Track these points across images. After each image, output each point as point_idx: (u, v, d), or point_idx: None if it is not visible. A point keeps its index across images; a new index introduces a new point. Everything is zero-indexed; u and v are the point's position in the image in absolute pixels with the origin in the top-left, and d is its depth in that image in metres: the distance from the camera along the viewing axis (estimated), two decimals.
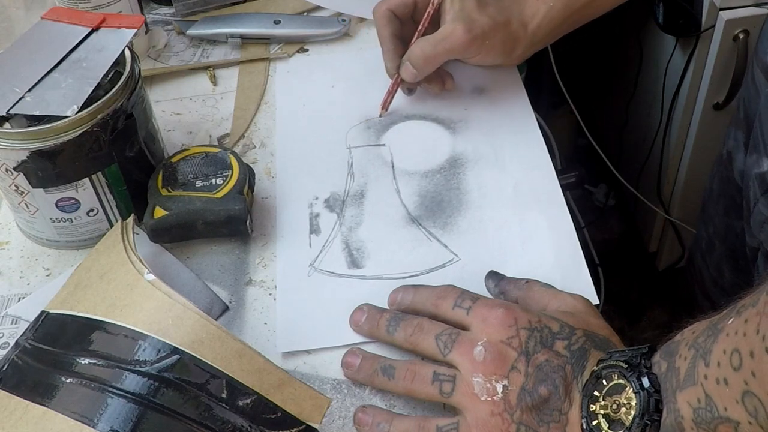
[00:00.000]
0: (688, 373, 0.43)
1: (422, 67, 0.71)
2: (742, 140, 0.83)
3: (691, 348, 0.44)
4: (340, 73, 0.81)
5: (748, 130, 0.81)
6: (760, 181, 0.75)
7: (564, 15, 0.72)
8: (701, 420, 0.42)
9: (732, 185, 0.87)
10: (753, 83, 0.81)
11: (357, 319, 0.58)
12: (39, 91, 0.60)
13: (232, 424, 0.47)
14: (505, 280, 0.59)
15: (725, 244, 0.93)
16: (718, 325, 0.42)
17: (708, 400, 0.42)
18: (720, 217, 0.92)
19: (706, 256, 0.98)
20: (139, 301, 0.49)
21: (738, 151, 0.84)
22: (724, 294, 0.96)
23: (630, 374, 0.47)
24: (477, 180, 0.69)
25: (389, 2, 0.73)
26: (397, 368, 0.54)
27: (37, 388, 0.48)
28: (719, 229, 0.93)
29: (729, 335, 0.41)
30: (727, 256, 0.93)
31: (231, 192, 0.63)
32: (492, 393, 0.50)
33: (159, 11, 0.90)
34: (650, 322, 1.51)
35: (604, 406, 0.47)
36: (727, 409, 0.40)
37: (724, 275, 0.95)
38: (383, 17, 0.73)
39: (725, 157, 0.88)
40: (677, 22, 1.18)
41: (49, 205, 0.61)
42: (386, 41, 0.73)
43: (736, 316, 0.41)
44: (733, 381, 0.40)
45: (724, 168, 0.89)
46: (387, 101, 0.75)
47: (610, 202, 1.64)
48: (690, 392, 0.43)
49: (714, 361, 0.41)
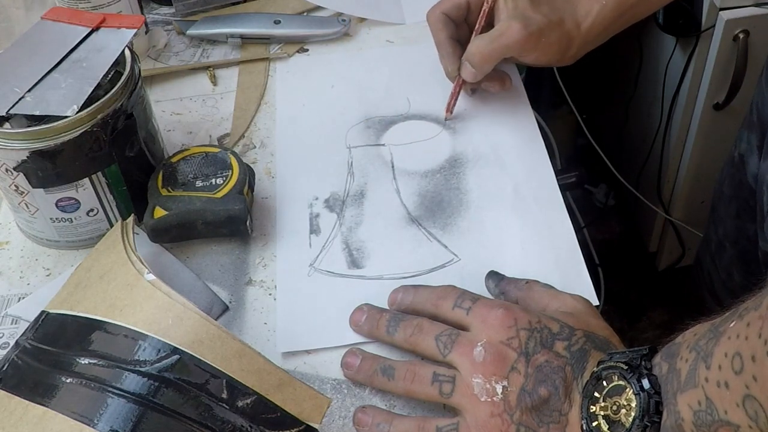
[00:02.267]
0: (689, 375, 0.43)
1: (481, 65, 0.70)
2: (756, 143, 0.83)
3: (692, 350, 0.44)
4: (340, 73, 0.81)
5: (762, 134, 0.81)
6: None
7: (616, 14, 0.72)
8: (701, 422, 0.42)
9: (745, 188, 0.86)
10: (767, 85, 0.80)
11: (357, 319, 0.58)
12: (39, 91, 0.60)
13: (232, 424, 0.47)
14: (506, 281, 0.59)
15: (736, 247, 0.93)
16: (720, 328, 0.42)
17: (708, 402, 0.41)
18: (731, 219, 0.92)
19: (716, 259, 0.98)
20: (139, 301, 0.49)
21: (751, 154, 0.84)
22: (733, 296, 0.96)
23: (630, 376, 0.46)
24: (477, 180, 0.69)
25: (442, 6, 0.73)
26: (396, 369, 0.54)
27: (37, 388, 0.48)
28: (730, 231, 0.93)
29: (731, 338, 0.40)
30: (738, 259, 0.93)
31: (231, 192, 0.63)
32: (491, 394, 0.50)
33: (159, 11, 0.90)
34: (650, 323, 1.51)
35: (604, 407, 0.47)
36: (727, 413, 0.40)
37: (734, 278, 0.94)
38: (438, 21, 0.73)
39: (737, 160, 0.88)
40: (677, 22, 1.18)
41: (49, 205, 0.61)
42: (444, 44, 0.73)
43: (737, 319, 0.41)
44: (734, 384, 0.40)
45: (737, 171, 0.88)
46: (451, 104, 0.74)
47: (610, 202, 1.64)
48: (690, 394, 0.43)
49: (715, 364, 0.41)
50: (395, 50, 0.83)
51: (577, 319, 0.53)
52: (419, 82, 0.78)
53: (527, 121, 0.74)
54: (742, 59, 1.12)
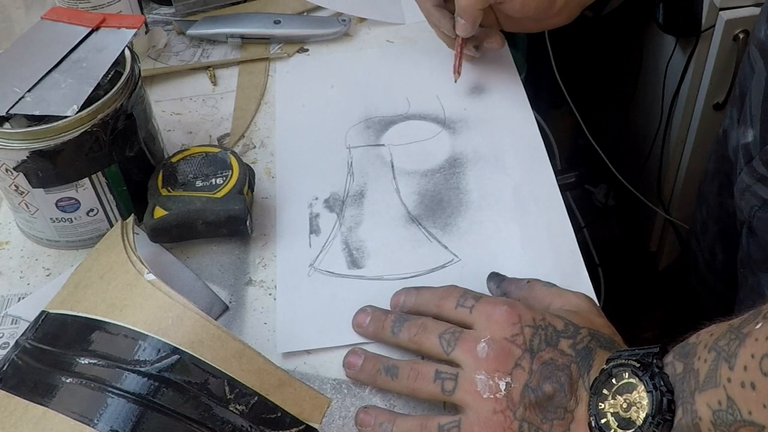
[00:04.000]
0: (708, 375, 0.43)
1: (472, 14, 0.71)
2: (736, 117, 0.83)
3: (711, 350, 0.43)
4: (340, 73, 0.81)
5: (742, 107, 0.81)
6: (744, 151, 0.75)
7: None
8: (721, 422, 0.42)
9: (726, 163, 0.86)
10: (748, 60, 0.81)
11: (361, 320, 0.58)
12: (39, 91, 0.60)
13: (232, 424, 0.47)
14: (507, 281, 0.59)
15: (718, 224, 0.93)
16: (743, 329, 0.42)
17: (730, 402, 0.41)
18: (714, 196, 0.92)
19: (700, 239, 0.98)
20: (139, 301, 0.49)
21: (732, 128, 0.84)
22: (717, 276, 0.96)
23: (642, 373, 0.46)
24: (476, 180, 0.69)
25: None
26: (399, 368, 0.54)
27: (37, 388, 0.47)
28: (713, 208, 0.93)
29: (758, 340, 0.40)
30: (720, 236, 0.93)
31: (231, 192, 0.63)
32: (495, 390, 0.50)
33: (159, 11, 0.90)
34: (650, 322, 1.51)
35: (614, 404, 0.47)
36: (751, 413, 0.40)
37: (717, 257, 0.95)
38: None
39: (721, 136, 0.89)
40: (677, 22, 1.18)
41: (49, 205, 0.61)
42: (432, 12, 0.75)
43: (764, 321, 0.41)
44: (761, 385, 0.39)
45: (719, 146, 0.89)
46: (457, 65, 0.75)
47: (610, 202, 1.64)
48: (710, 394, 0.43)
49: (740, 365, 0.41)
50: (395, 50, 0.83)
51: (581, 317, 0.53)
52: (419, 82, 0.78)
53: (527, 121, 0.74)
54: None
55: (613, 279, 1.39)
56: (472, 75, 0.78)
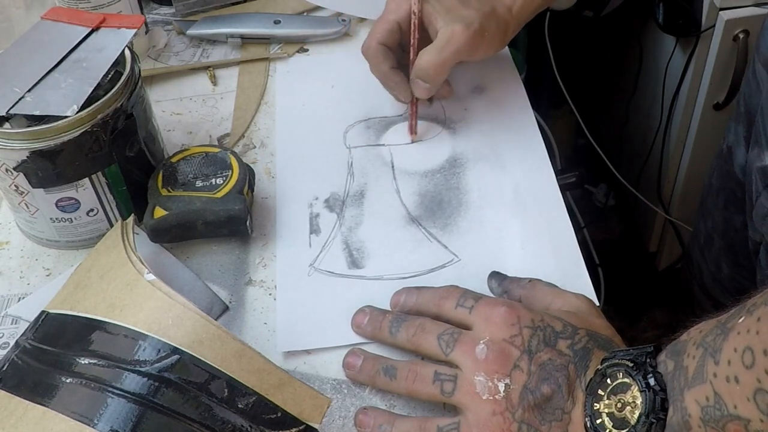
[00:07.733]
0: (696, 371, 0.43)
1: (434, 77, 0.68)
2: (743, 135, 0.83)
3: (699, 347, 0.44)
4: (340, 73, 0.81)
5: (749, 125, 0.81)
6: (761, 174, 0.75)
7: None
8: (710, 418, 0.42)
9: (732, 179, 0.87)
10: (754, 78, 0.81)
11: (359, 321, 0.58)
12: (39, 91, 0.60)
13: (232, 424, 0.47)
14: (508, 280, 0.59)
15: (724, 239, 0.93)
16: (727, 324, 0.42)
17: (717, 398, 0.42)
18: (719, 211, 0.92)
19: (705, 251, 0.99)
20: (139, 301, 0.49)
21: (738, 145, 0.85)
22: (722, 289, 0.96)
23: (636, 373, 0.46)
24: (477, 180, 0.69)
25: (377, 36, 0.70)
26: (398, 368, 0.54)
27: (37, 388, 0.48)
28: (718, 223, 0.94)
29: (740, 333, 0.41)
30: (726, 250, 0.93)
31: (231, 192, 0.63)
32: (494, 392, 0.50)
33: (159, 11, 0.90)
34: (650, 322, 1.51)
35: (609, 404, 0.47)
36: (737, 407, 0.40)
37: (722, 270, 0.95)
38: (378, 53, 0.69)
39: (725, 152, 0.89)
40: (677, 22, 1.18)
41: (49, 205, 0.61)
42: (389, 76, 0.70)
43: (747, 315, 0.41)
44: (744, 379, 0.40)
45: (724, 162, 0.89)
46: (413, 125, 0.73)
47: (610, 202, 1.64)
48: (698, 390, 0.43)
49: (724, 360, 0.41)
50: None
51: (579, 318, 0.53)
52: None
53: (527, 121, 0.74)
54: (742, 59, 1.12)
55: (613, 279, 1.39)
56: (473, 75, 0.78)
